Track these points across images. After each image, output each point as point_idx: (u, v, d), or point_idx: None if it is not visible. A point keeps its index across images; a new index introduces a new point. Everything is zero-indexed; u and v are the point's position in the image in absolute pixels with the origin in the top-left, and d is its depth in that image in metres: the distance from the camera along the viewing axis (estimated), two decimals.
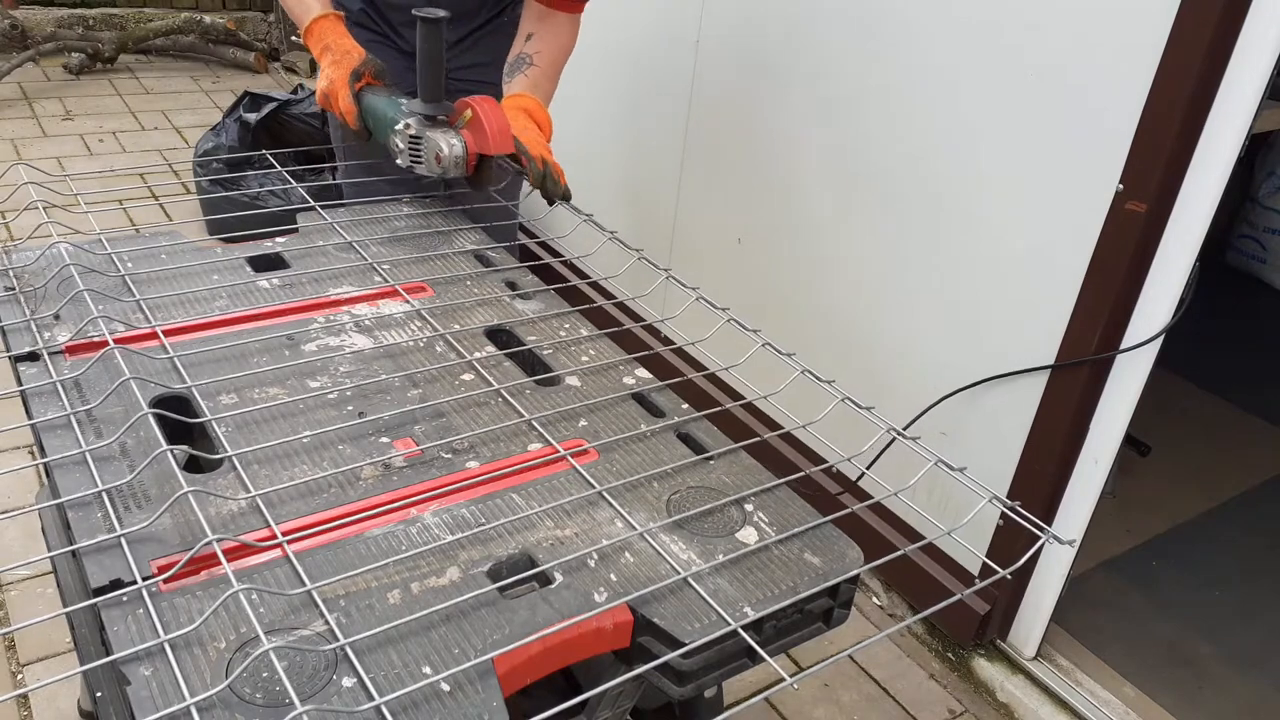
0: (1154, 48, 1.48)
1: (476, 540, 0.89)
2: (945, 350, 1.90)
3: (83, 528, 0.84)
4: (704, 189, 2.42)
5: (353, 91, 1.44)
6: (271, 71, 4.98)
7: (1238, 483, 2.60)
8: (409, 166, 1.38)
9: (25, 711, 1.69)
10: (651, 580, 0.86)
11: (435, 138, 1.36)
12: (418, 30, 1.35)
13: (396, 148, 1.38)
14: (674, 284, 1.29)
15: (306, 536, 0.86)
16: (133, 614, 0.77)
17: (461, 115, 1.38)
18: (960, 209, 1.82)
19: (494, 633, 0.79)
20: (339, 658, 0.75)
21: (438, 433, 1.02)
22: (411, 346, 1.16)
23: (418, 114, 1.38)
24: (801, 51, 2.06)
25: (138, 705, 0.70)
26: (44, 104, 4.19)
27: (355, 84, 1.44)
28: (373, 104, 1.44)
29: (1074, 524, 1.81)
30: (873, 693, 1.95)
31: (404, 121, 1.37)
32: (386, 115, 1.41)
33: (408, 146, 1.37)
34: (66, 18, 4.71)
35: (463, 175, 1.39)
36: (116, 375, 1.01)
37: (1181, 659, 2.03)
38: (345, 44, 1.51)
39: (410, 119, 1.38)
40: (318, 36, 1.52)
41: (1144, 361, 1.66)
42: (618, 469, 1.00)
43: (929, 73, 1.81)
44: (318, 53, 1.52)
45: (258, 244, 1.33)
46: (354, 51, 1.49)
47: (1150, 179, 1.53)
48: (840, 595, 0.92)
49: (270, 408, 1.02)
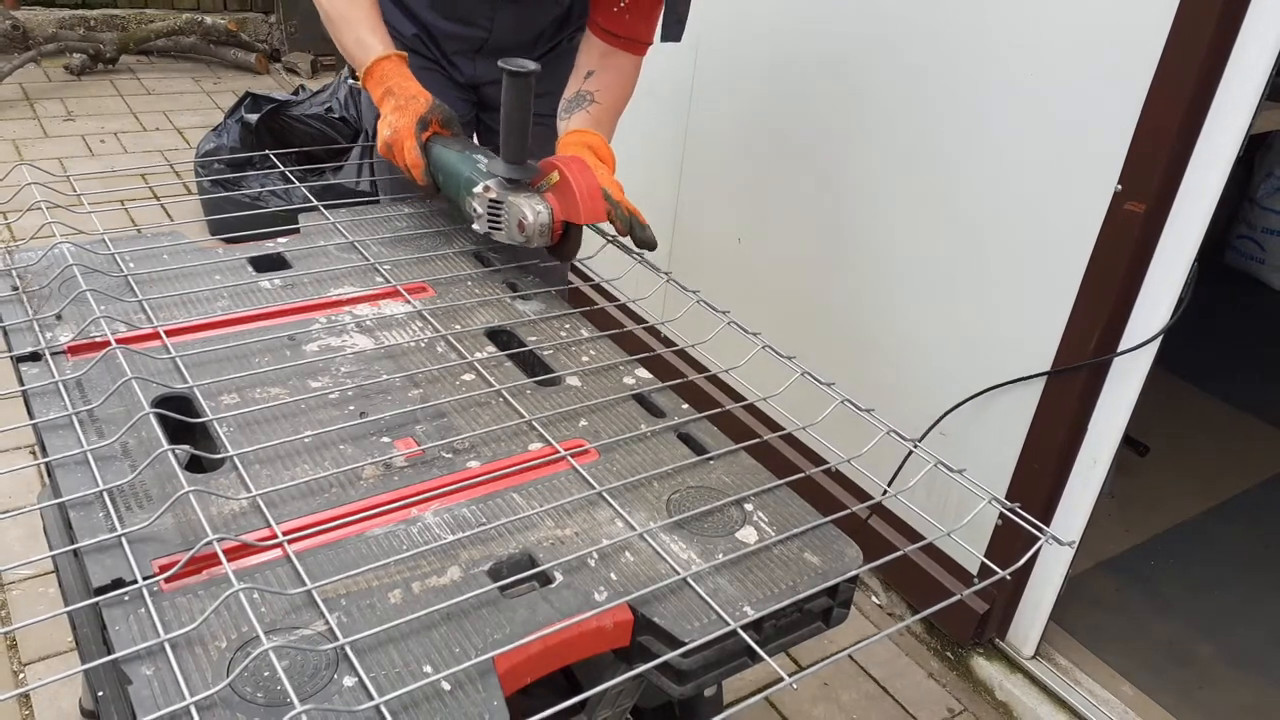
0: (1153, 48, 1.48)
1: (477, 540, 0.89)
2: (945, 351, 1.91)
3: (84, 527, 0.84)
4: (704, 189, 2.43)
5: (420, 143, 1.32)
6: (273, 72, 4.98)
7: (1237, 483, 2.60)
8: (486, 233, 1.27)
9: (27, 711, 1.70)
10: (651, 580, 0.87)
11: (518, 203, 1.23)
12: (504, 84, 1.21)
13: (473, 211, 1.26)
14: (674, 286, 1.29)
15: (307, 536, 0.86)
16: (134, 613, 0.77)
17: (547, 177, 1.25)
18: (959, 208, 1.82)
19: (494, 632, 0.79)
20: (340, 657, 0.75)
21: (439, 433, 1.02)
22: (413, 347, 1.17)
23: (498, 176, 1.25)
24: (802, 52, 2.06)
25: (139, 704, 0.70)
26: (45, 105, 4.19)
27: (422, 134, 1.33)
28: (443, 158, 1.32)
29: (1073, 524, 1.81)
30: (872, 691, 1.95)
31: (483, 184, 1.25)
32: (461, 174, 1.29)
33: (487, 211, 1.25)
34: (68, 19, 4.71)
35: (546, 244, 1.27)
36: (118, 375, 1.02)
37: (1180, 658, 2.03)
38: (410, 87, 1.37)
39: (490, 180, 1.25)
40: (379, 79, 1.39)
41: (1143, 362, 1.66)
42: (618, 469, 1.01)
43: (928, 73, 1.82)
44: (378, 96, 1.39)
45: (259, 244, 1.33)
46: (420, 96, 1.36)
47: (1149, 179, 1.53)
48: (840, 595, 0.92)
49: (271, 408, 1.03)
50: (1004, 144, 1.72)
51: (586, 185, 1.22)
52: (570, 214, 1.24)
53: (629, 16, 1.47)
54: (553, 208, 1.24)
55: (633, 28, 1.48)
